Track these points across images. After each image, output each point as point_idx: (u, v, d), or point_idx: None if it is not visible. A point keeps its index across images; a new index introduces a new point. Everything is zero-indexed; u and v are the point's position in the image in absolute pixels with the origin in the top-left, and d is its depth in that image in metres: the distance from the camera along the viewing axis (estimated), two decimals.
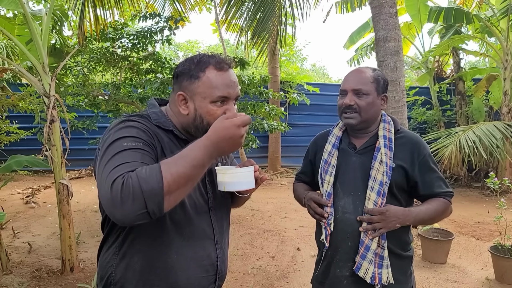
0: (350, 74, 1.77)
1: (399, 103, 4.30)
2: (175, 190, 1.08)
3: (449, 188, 1.76)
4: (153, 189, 1.04)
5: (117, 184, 1.04)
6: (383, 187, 1.64)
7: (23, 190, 7.67)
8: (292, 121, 10.36)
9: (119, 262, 1.32)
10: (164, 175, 1.05)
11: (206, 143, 1.12)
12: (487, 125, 7.34)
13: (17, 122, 8.76)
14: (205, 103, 1.32)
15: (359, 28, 10.46)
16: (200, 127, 1.34)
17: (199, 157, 1.11)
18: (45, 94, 3.84)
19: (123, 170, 1.08)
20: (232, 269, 4.09)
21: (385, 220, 1.59)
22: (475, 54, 9.60)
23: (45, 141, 3.80)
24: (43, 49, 3.85)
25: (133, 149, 1.17)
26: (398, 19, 4.50)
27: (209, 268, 1.40)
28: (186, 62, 1.36)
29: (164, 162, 1.09)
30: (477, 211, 6.55)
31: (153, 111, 1.40)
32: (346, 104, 1.71)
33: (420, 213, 1.66)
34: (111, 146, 1.18)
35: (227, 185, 1.31)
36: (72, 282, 3.74)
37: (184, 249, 1.33)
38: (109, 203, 1.05)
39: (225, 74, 1.33)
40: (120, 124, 1.27)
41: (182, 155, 1.11)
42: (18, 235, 5.09)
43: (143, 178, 1.04)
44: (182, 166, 1.09)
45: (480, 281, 3.88)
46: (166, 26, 4.72)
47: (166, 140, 1.33)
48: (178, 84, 1.36)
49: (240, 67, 4.88)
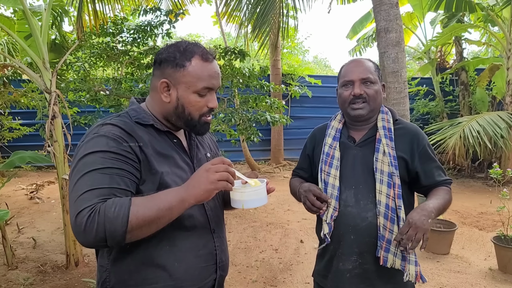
0: (352, 65, 1.75)
1: (400, 94, 4.26)
2: (138, 231, 1.14)
3: (447, 176, 1.76)
4: (116, 231, 1.10)
5: (83, 216, 1.09)
6: (393, 178, 1.61)
7: (27, 186, 7.70)
8: (294, 114, 10.35)
9: (112, 266, 1.30)
10: (130, 218, 1.11)
11: (178, 187, 1.21)
12: (491, 115, 7.31)
13: (20, 118, 8.77)
14: (188, 93, 1.33)
15: (361, 18, 10.41)
16: (181, 116, 1.35)
17: (169, 199, 1.17)
18: (46, 90, 3.85)
19: (91, 200, 1.12)
20: (235, 262, 4.11)
21: (418, 226, 1.45)
22: (477, 44, 9.55)
23: (47, 137, 3.81)
24: (43, 45, 3.85)
25: (102, 168, 1.17)
26: (400, 9, 4.46)
27: (208, 258, 1.39)
28: (170, 49, 1.34)
29: (134, 203, 1.13)
30: (481, 202, 6.54)
31: (132, 108, 1.39)
32: (356, 94, 1.68)
33: (435, 203, 1.57)
34: (81, 161, 1.20)
35: (245, 203, 1.32)
36: (77, 276, 3.77)
37: (178, 240, 1.31)
38: (73, 229, 1.12)
39: (210, 65, 1.34)
40: (93, 132, 1.26)
41: (154, 197, 1.18)
42: (23, 230, 5.12)
43: (109, 218, 1.09)
44: (150, 209, 1.14)
45: (483, 271, 3.89)
46: (166, 19, 4.70)
47: (146, 136, 1.31)
48: (161, 70, 1.34)
49: (240, 58, 4.84)
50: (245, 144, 9.14)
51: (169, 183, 1.28)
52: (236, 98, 6.14)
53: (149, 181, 1.26)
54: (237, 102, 5.99)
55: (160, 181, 1.27)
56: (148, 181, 1.26)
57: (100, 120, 1.35)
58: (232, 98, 5.96)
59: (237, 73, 4.93)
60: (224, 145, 7.93)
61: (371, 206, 1.64)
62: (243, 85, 5.10)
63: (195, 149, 1.48)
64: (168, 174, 1.30)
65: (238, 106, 5.71)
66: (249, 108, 5.31)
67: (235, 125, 5.22)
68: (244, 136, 5.22)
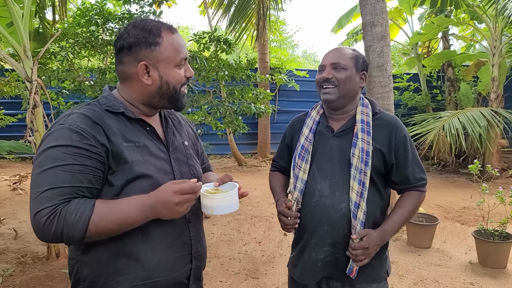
0: (329, 52, 1.77)
1: (385, 88, 4.28)
2: (96, 238, 1.17)
3: (423, 174, 1.74)
4: (73, 236, 1.13)
5: (42, 216, 1.11)
6: (361, 175, 1.62)
7: (10, 176, 7.59)
8: (282, 108, 10.36)
9: (82, 257, 1.28)
10: (90, 228, 1.13)
11: (145, 202, 1.19)
12: (473, 112, 7.39)
13: (2, 108, 8.64)
14: (170, 69, 1.32)
15: (348, 11, 10.40)
16: (166, 93, 1.34)
17: (133, 216, 1.18)
18: (27, 79, 3.78)
19: (52, 200, 1.13)
20: (218, 254, 4.10)
21: (368, 253, 1.59)
22: (464, 40, 9.63)
23: (28, 127, 3.75)
24: (25, 33, 3.77)
25: (64, 165, 1.16)
26: (386, 3, 4.47)
27: (182, 248, 1.37)
28: (134, 32, 1.30)
29: (96, 212, 1.15)
30: (464, 197, 6.62)
31: (103, 95, 1.36)
32: (324, 78, 1.70)
33: (395, 225, 1.66)
34: (43, 154, 1.19)
35: (215, 210, 1.31)
36: (57, 268, 3.73)
37: (151, 231, 1.28)
38: (32, 224, 1.14)
39: (178, 35, 1.35)
40: (59, 122, 1.24)
41: (118, 210, 1.17)
42: (4, 221, 5.05)
43: (68, 224, 1.12)
44: (111, 222, 1.16)
45: (464, 265, 3.94)
46: (151, 10, 4.64)
47: (115, 125, 1.28)
48: (133, 55, 1.30)
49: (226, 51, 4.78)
50: (231, 137, 9.11)
51: (142, 172, 1.26)
52: (222, 91, 6.11)
53: (119, 171, 1.23)
54: (223, 94, 5.96)
55: (131, 170, 1.24)
56: (118, 171, 1.23)
57: (70, 109, 1.32)
58: (218, 91, 5.93)
59: (223, 65, 4.89)
60: (210, 138, 7.90)
61: (345, 197, 1.64)
62: (229, 77, 5.07)
63: (171, 136, 1.44)
64: (139, 163, 1.27)
65: (225, 98, 5.69)
66: (235, 100, 5.28)
67: (221, 117, 5.20)
68: (231, 128, 5.20)
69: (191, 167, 1.46)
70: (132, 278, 1.27)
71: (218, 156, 10.71)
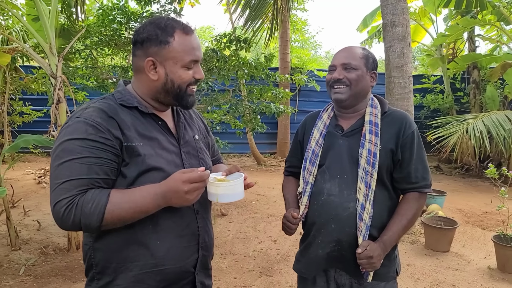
0: (339, 51, 1.77)
1: (405, 89, 4.23)
2: (112, 225, 1.23)
3: (426, 174, 1.71)
4: (90, 225, 1.20)
5: (61, 206, 1.18)
6: (367, 177, 1.63)
7: (36, 170, 7.83)
8: (302, 108, 10.31)
9: (95, 243, 1.34)
10: (105, 216, 1.19)
11: (157, 190, 1.23)
12: (498, 115, 7.20)
13: (30, 104, 8.90)
14: (176, 68, 1.34)
15: (373, 11, 10.29)
16: (171, 91, 1.37)
17: (146, 205, 1.23)
18: (52, 75, 3.90)
19: (70, 191, 1.19)
20: (233, 251, 4.14)
21: (373, 263, 1.59)
22: (491, 41, 9.40)
23: (52, 122, 3.87)
24: (51, 29, 3.89)
25: (80, 158, 1.21)
26: (407, 4, 4.42)
27: (190, 238, 1.41)
28: (149, 28, 1.34)
29: (112, 201, 1.20)
30: (486, 201, 6.45)
31: (118, 90, 1.41)
32: (335, 78, 1.71)
33: (394, 235, 1.64)
34: (60, 146, 1.24)
35: (220, 197, 1.35)
36: (77, 259, 3.84)
37: (161, 220, 1.33)
38: (52, 214, 1.21)
39: (192, 37, 1.36)
40: (75, 116, 1.28)
41: (131, 199, 1.22)
42: (29, 213, 5.22)
43: (85, 213, 1.18)
44: (125, 211, 1.21)
45: (482, 270, 3.87)
46: (171, 8, 4.70)
47: (129, 119, 1.33)
48: (143, 50, 1.35)
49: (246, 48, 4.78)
50: (251, 136, 9.12)
51: (153, 165, 1.30)
52: (242, 90, 6.14)
53: (132, 163, 1.29)
54: (244, 93, 5.99)
55: (143, 163, 1.29)
56: (131, 163, 1.29)
57: (86, 103, 1.37)
58: (238, 90, 5.96)
59: (243, 64, 4.91)
60: (229, 137, 7.93)
61: (353, 196, 1.65)
62: (248, 76, 5.09)
63: (182, 130, 1.49)
64: (151, 156, 1.31)
65: (244, 97, 5.71)
66: (254, 99, 5.30)
67: (240, 116, 5.23)
68: (249, 127, 5.22)
69: (201, 160, 1.50)
70: (141, 265, 1.32)
71: (238, 155, 10.75)
